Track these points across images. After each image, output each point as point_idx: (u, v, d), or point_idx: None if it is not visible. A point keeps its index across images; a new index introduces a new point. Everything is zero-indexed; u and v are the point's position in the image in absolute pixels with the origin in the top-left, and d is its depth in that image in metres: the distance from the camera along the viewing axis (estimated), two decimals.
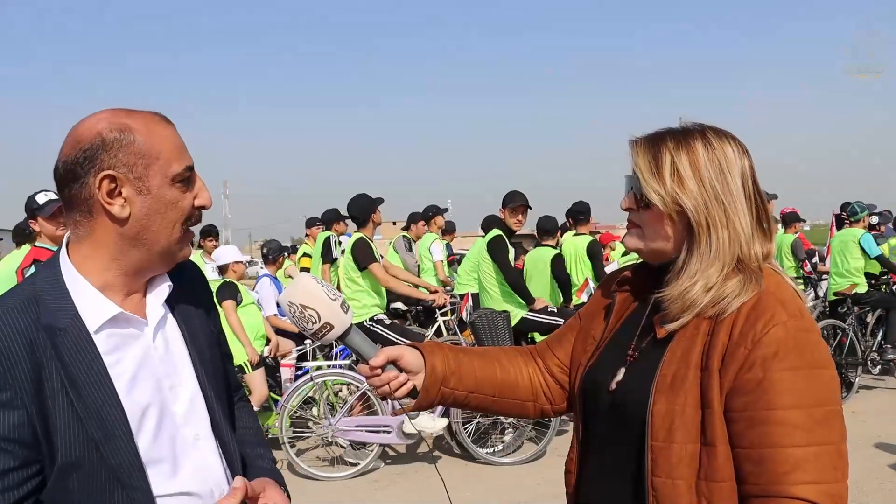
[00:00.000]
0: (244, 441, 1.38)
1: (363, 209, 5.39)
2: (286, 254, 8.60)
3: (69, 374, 1.05)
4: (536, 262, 6.14)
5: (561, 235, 7.00)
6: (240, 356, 5.20)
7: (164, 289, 1.21)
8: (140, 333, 1.16)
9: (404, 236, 8.24)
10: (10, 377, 1.01)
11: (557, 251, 6.16)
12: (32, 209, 4.23)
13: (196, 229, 1.25)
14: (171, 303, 1.22)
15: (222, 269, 5.61)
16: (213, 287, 5.34)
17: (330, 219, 7.93)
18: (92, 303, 1.11)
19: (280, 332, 6.21)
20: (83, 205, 1.10)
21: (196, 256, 7.73)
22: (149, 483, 1.09)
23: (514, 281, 5.50)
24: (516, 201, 5.58)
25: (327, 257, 7.45)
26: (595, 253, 6.47)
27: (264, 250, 7.10)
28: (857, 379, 6.72)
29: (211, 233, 8.55)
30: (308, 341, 6.00)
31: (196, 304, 1.29)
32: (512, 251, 5.73)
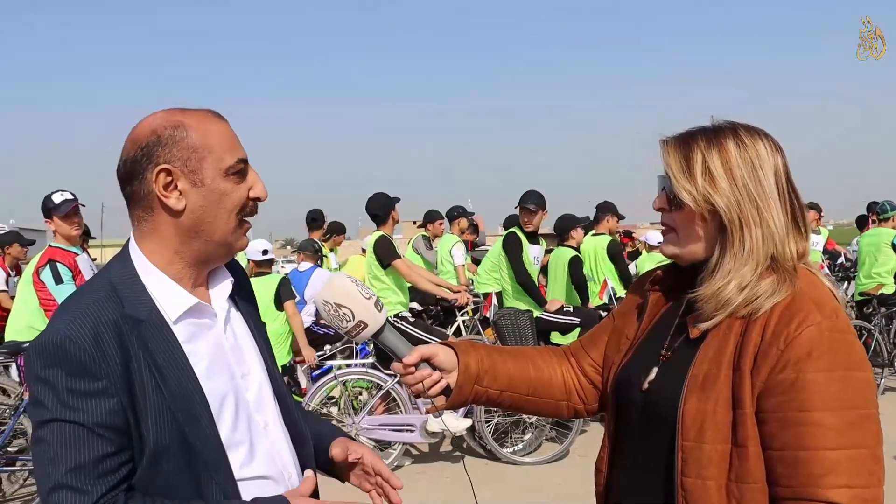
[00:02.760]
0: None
1: (384, 207, 5.40)
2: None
3: (155, 362, 1.09)
4: (556, 263, 6.13)
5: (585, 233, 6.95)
6: (281, 358, 5.17)
7: (227, 283, 1.27)
8: (213, 324, 1.21)
9: (423, 235, 8.17)
10: (106, 367, 1.05)
11: (576, 252, 6.11)
12: (48, 208, 4.26)
13: None
14: (232, 297, 1.28)
15: (259, 265, 5.45)
16: (273, 283, 5.32)
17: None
18: (170, 294, 1.15)
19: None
20: (144, 200, 1.15)
21: None
22: (230, 467, 1.14)
23: (524, 281, 5.48)
24: (523, 202, 5.59)
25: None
26: (616, 253, 6.43)
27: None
28: (882, 381, 6.64)
29: None
30: (328, 346, 6.00)
31: (250, 300, 1.35)
32: (540, 248, 5.73)
